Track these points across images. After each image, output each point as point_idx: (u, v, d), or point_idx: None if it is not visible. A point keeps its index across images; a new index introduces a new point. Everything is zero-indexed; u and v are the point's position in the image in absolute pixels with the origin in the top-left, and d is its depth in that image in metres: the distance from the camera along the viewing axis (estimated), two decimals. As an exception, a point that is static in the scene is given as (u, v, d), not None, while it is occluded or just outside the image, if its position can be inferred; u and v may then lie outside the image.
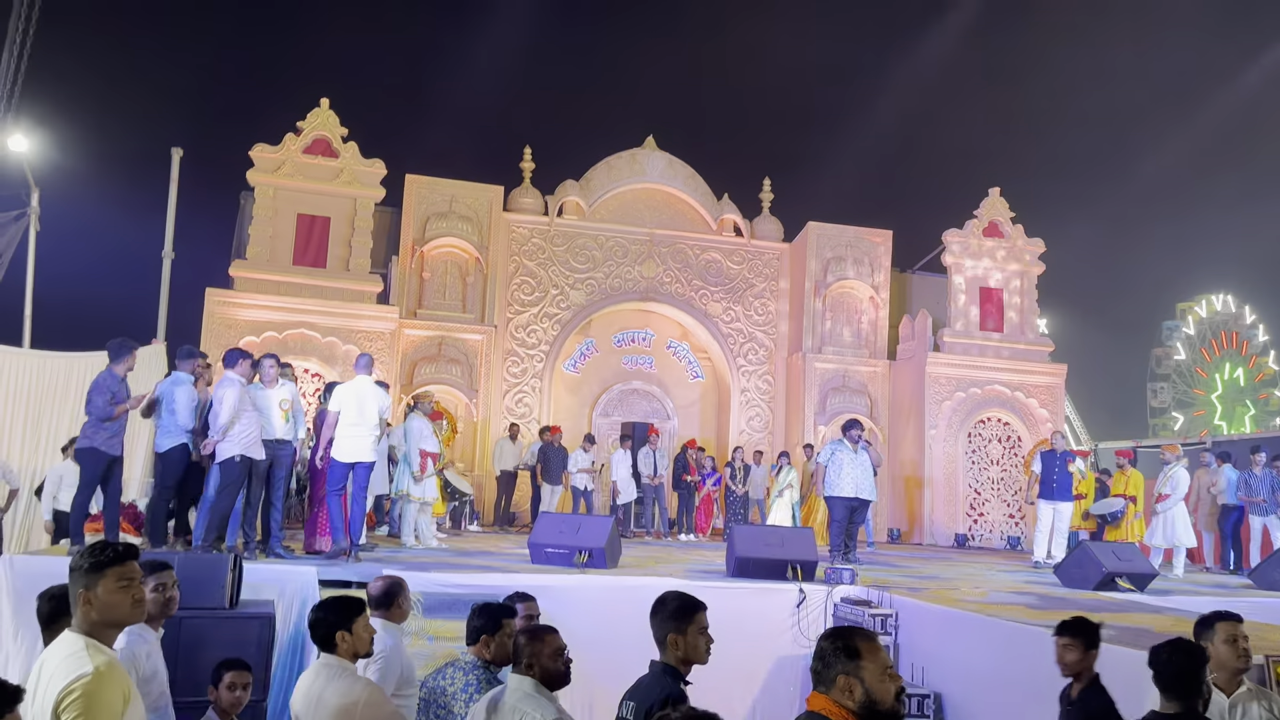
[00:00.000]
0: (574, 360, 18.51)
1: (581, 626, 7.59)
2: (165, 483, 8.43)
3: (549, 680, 3.55)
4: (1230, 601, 9.35)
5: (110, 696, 2.72)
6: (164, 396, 8.35)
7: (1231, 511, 13.42)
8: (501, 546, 11.48)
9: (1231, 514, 13.43)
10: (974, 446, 18.16)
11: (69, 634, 2.89)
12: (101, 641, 2.87)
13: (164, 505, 8.57)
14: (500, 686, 3.72)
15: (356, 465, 8.85)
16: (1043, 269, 19.15)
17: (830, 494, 11.29)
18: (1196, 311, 49.89)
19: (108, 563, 2.91)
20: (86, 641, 2.83)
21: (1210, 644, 4.30)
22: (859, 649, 2.62)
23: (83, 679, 2.70)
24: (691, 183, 19.11)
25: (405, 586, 5.31)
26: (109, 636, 2.93)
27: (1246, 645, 4.42)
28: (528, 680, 3.53)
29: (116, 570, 2.92)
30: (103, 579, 2.89)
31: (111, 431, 8.05)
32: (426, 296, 17.16)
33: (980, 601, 7.88)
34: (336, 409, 8.82)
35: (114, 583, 2.90)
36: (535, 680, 3.52)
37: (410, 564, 8.39)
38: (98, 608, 2.88)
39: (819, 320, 18.67)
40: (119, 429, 8.15)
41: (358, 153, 16.39)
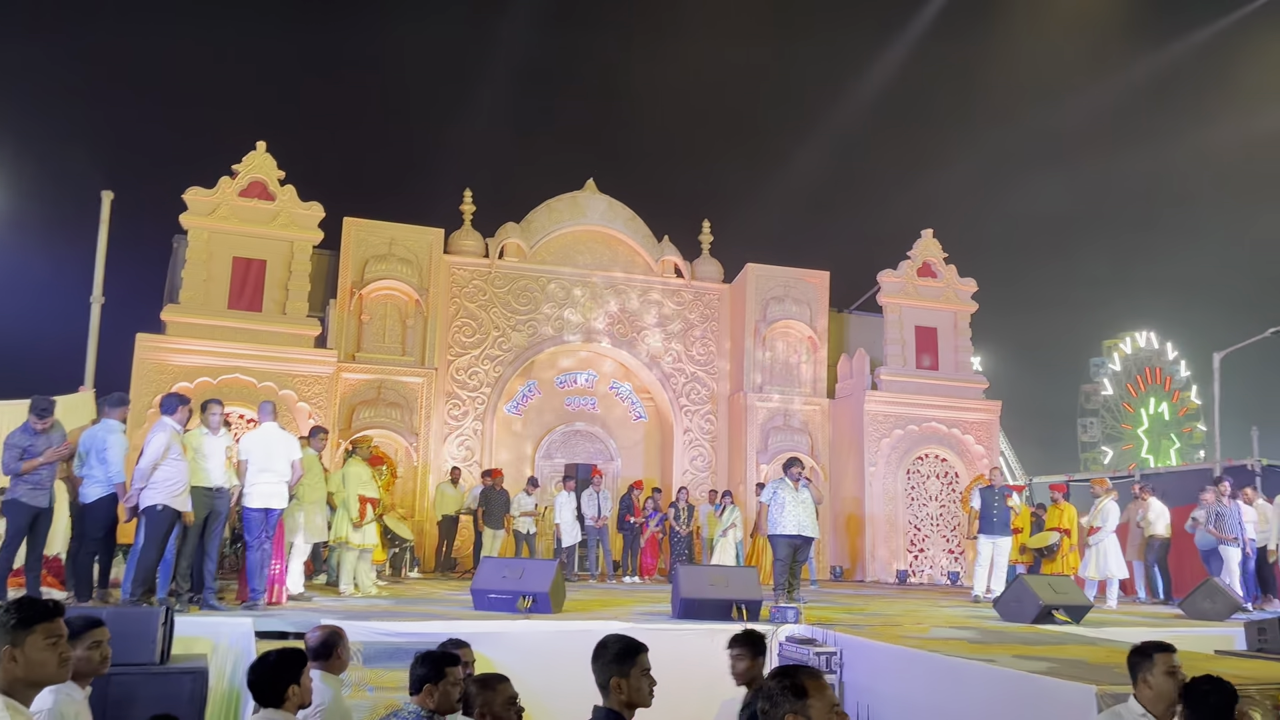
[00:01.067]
0: (516, 402, 18.42)
1: (526, 673, 7.50)
2: (92, 534, 8.16)
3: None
4: (1163, 631, 9.58)
5: None
6: (93, 445, 8.10)
7: (1156, 541, 13.71)
8: (443, 593, 11.29)
9: (1156, 544, 13.73)
10: (913, 483, 18.42)
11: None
12: (20, 701, 2.76)
13: (89, 558, 8.28)
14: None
15: (268, 512, 8.77)
16: (975, 308, 19.64)
17: (773, 532, 11.32)
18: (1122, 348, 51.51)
19: (35, 619, 2.81)
20: (5, 701, 2.71)
21: (1148, 675, 4.39)
22: (805, 688, 2.63)
23: None
24: (632, 225, 19.28)
25: (344, 636, 5.21)
26: (28, 696, 2.82)
27: (1184, 676, 4.53)
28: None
29: (45, 627, 2.82)
30: (30, 635, 2.79)
31: (34, 483, 7.82)
32: (365, 340, 16.96)
33: (922, 637, 7.95)
34: (245, 457, 8.74)
35: (42, 640, 2.80)
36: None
37: (349, 613, 8.21)
38: (23, 665, 2.77)
39: (759, 360, 18.87)
40: (44, 481, 7.90)
41: (295, 195, 16.23)
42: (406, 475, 16.40)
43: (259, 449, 8.85)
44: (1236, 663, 7.21)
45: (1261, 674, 6.10)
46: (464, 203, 18.36)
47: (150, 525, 7.88)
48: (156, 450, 7.86)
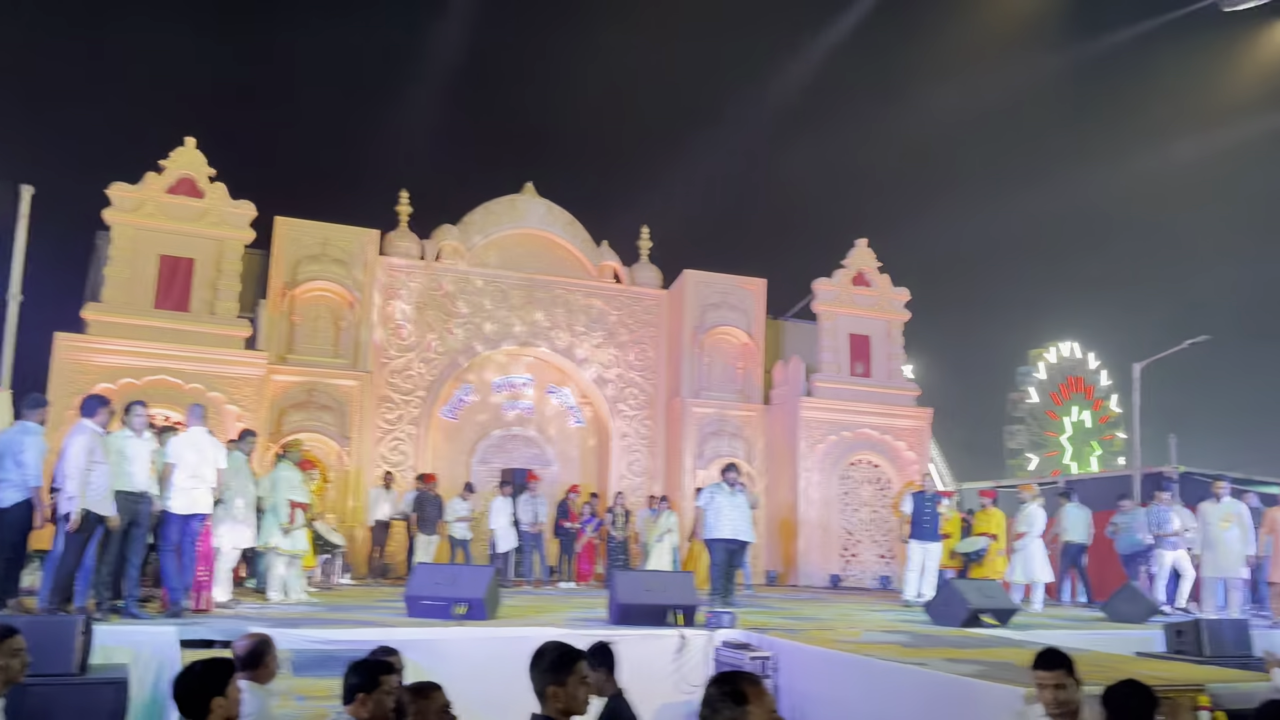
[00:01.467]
0: (451, 406, 18.22)
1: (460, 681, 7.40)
2: (8, 540, 7.83)
3: None
4: (1086, 634, 9.86)
5: None
6: (8, 448, 7.78)
7: (1072, 547, 14.05)
8: (375, 599, 11.10)
9: (1072, 549, 14.07)
10: (846, 488, 18.68)
11: None
12: None
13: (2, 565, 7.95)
14: None
15: (193, 518, 8.54)
16: (909, 316, 20.00)
17: (709, 537, 11.38)
18: (1046, 358, 52.94)
19: None
20: None
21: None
22: (746, 694, 2.64)
23: None
24: (571, 229, 19.24)
25: (273, 644, 5.10)
26: None
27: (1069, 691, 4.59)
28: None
29: None
30: None
31: None
32: (297, 341, 16.62)
33: (855, 641, 8.05)
34: (173, 461, 8.49)
35: None
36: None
37: (278, 620, 8.02)
38: None
39: (696, 366, 18.96)
40: None
41: (226, 194, 15.86)
42: (338, 480, 16.10)
43: (190, 453, 8.60)
44: (1156, 664, 7.44)
45: (1181, 676, 6.29)
46: (400, 204, 18.13)
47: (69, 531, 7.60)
48: (78, 454, 7.58)
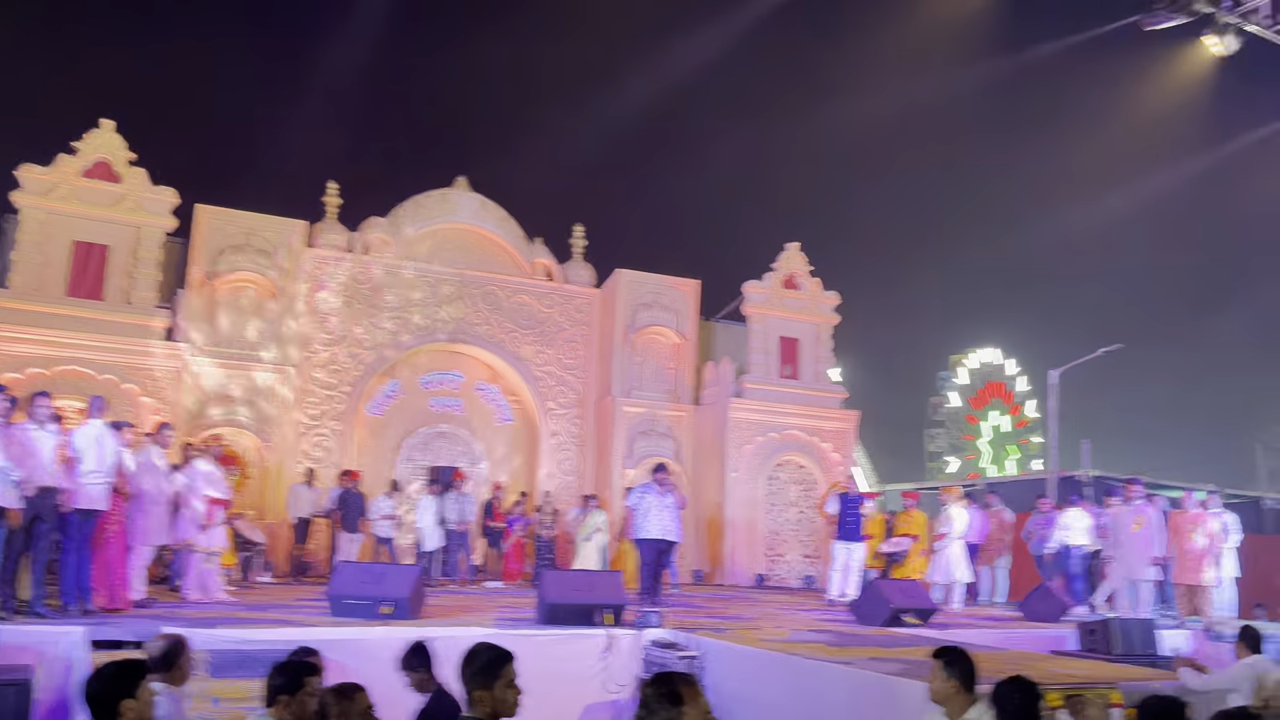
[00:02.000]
0: (378, 402, 17.91)
1: (386, 682, 7.28)
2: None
3: None
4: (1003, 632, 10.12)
5: None
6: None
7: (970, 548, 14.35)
8: (296, 598, 10.85)
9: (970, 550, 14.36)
10: (773, 489, 18.86)
11: None
12: None
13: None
14: None
15: (94, 514, 8.24)
16: (837, 320, 20.27)
17: (638, 536, 11.40)
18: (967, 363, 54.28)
19: None
20: None
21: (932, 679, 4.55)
22: (681, 695, 2.64)
23: None
24: (504, 225, 19.07)
25: (187, 646, 4.94)
26: None
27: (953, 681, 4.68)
28: None
29: None
30: None
31: None
32: (219, 333, 16.15)
33: (782, 640, 8.13)
34: (77, 454, 8.17)
35: None
36: None
37: (195, 620, 7.78)
38: None
39: (628, 365, 18.95)
40: None
41: (146, 179, 15.33)
42: (259, 476, 15.71)
43: (93, 447, 8.27)
44: (1069, 662, 7.67)
45: (1093, 673, 6.49)
46: (327, 194, 17.76)
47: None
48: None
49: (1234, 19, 12.29)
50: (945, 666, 4.33)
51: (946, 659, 4.36)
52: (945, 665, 4.34)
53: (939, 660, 4.39)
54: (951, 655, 4.38)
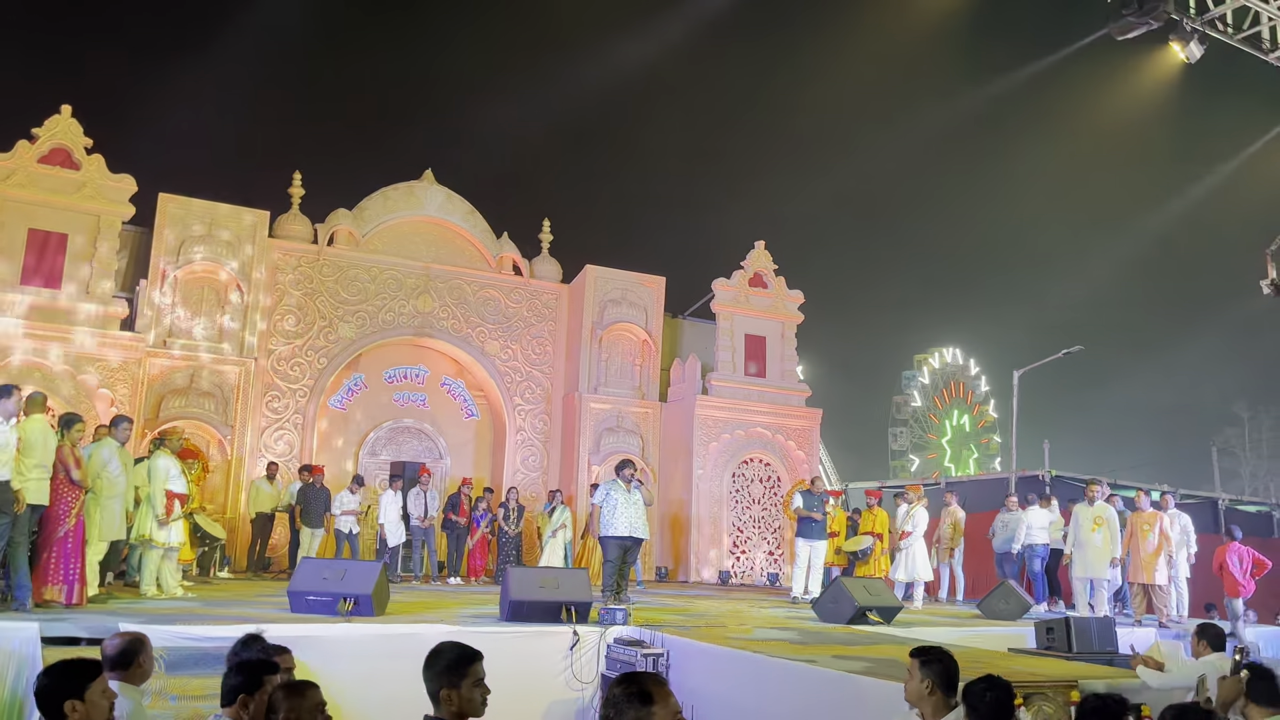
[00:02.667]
0: (341, 396, 17.73)
1: (347, 679, 7.22)
2: None
3: None
4: (963, 630, 10.22)
5: None
6: None
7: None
8: (256, 594, 10.72)
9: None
10: (738, 486, 18.93)
11: None
12: None
13: None
14: None
15: (39, 508, 8.06)
16: (801, 319, 20.38)
17: (605, 534, 11.38)
18: (930, 363, 54.85)
19: None
20: None
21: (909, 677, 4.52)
22: (651, 694, 2.62)
23: None
24: (471, 219, 18.94)
25: (147, 643, 4.83)
26: None
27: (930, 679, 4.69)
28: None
29: None
30: None
31: None
32: (179, 324, 15.89)
33: (746, 638, 8.14)
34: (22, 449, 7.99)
35: None
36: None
37: (152, 616, 7.66)
38: None
39: (595, 361, 18.91)
40: None
41: (104, 166, 15.04)
42: (219, 470, 15.48)
43: (39, 441, 8.08)
44: (1028, 660, 7.76)
45: (1052, 671, 6.57)
46: (292, 185, 17.53)
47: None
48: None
49: (1198, 26, 12.50)
50: (921, 666, 4.20)
51: (923, 659, 4.23)
52: (921, 665, 4.20)
53: (915, 660, 4.26)
54: (928, 655, 4.24)
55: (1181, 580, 13.03)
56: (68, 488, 8.27)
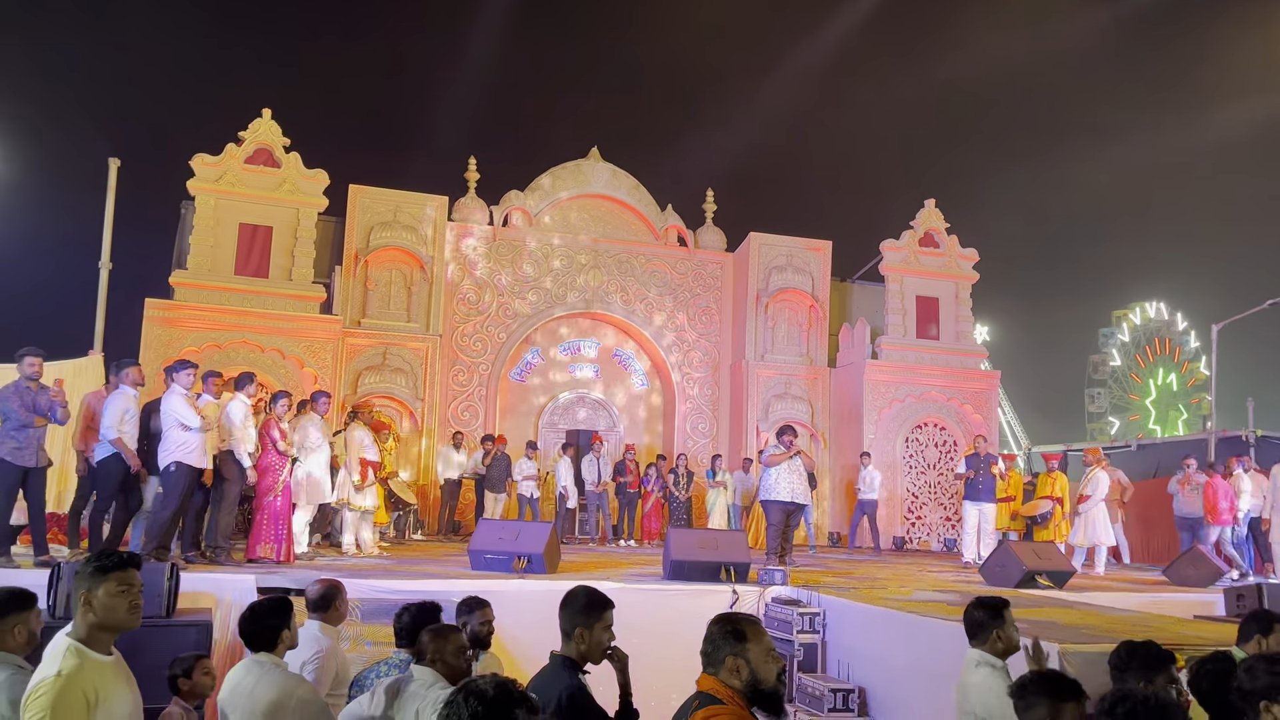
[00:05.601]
0: (520, 369, 18.65)
1: (519, 629, 7.78)
2: (103, 491, 8.47)
3: (451, 676, 3.72)
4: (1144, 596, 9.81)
5: (71, 700, 2.82)
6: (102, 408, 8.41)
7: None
8: (443, 554, 11.59)
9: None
10: (911, 451, 18.61)
11: (61, 636, 3.02)
12: (95, 647, 2.99)
13: (99, 515, 8.61)
14: (404, 674, 3.88)
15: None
16: (977, 278, 19.69)
17: (766, 498, 11.56)
18: (1131, 319, 51.41)
19: (110, 568, 3.05)
20: (70, 645, 2.95)
21: (999, 630, 4.51)
22: (745, 632, 2.84)
23: (45, 680, 2.85)
24: (636, 193, 19.37)
25: (343, 590, 5.46)
26: (104, 642, 3.04)
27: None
28: (430, 672, 3.71)
29: (117, 576, 3.06)
30: (104, 583, 3.03)
31: (19, 443, 7.85)
32: (370, 306, 17.17)
33: (905, 600, 8.17)
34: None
35: (114, 587, 3.04)
36: (437, 673, 3.70)
37: (350, 571, 8.49)
38: (97, 611, 3.01)
39: (761, 329, 19.01)
40: (30, 440, 7.94)
41: (300, 163, 16.39)
42: (410, 440, 16.68)
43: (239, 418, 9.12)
44: (1204, 626, 7.42)
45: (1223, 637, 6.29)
46: (468, 170, 18.48)
47: (166, 484, 8.22)
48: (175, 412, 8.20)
49: None
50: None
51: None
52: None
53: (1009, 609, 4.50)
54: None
55: None
56: (275, 457, 9.25)
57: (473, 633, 5.31)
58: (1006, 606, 4.51)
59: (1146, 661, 3.91)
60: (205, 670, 5.11)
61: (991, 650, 4.41)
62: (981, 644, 4.44)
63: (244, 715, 3.78)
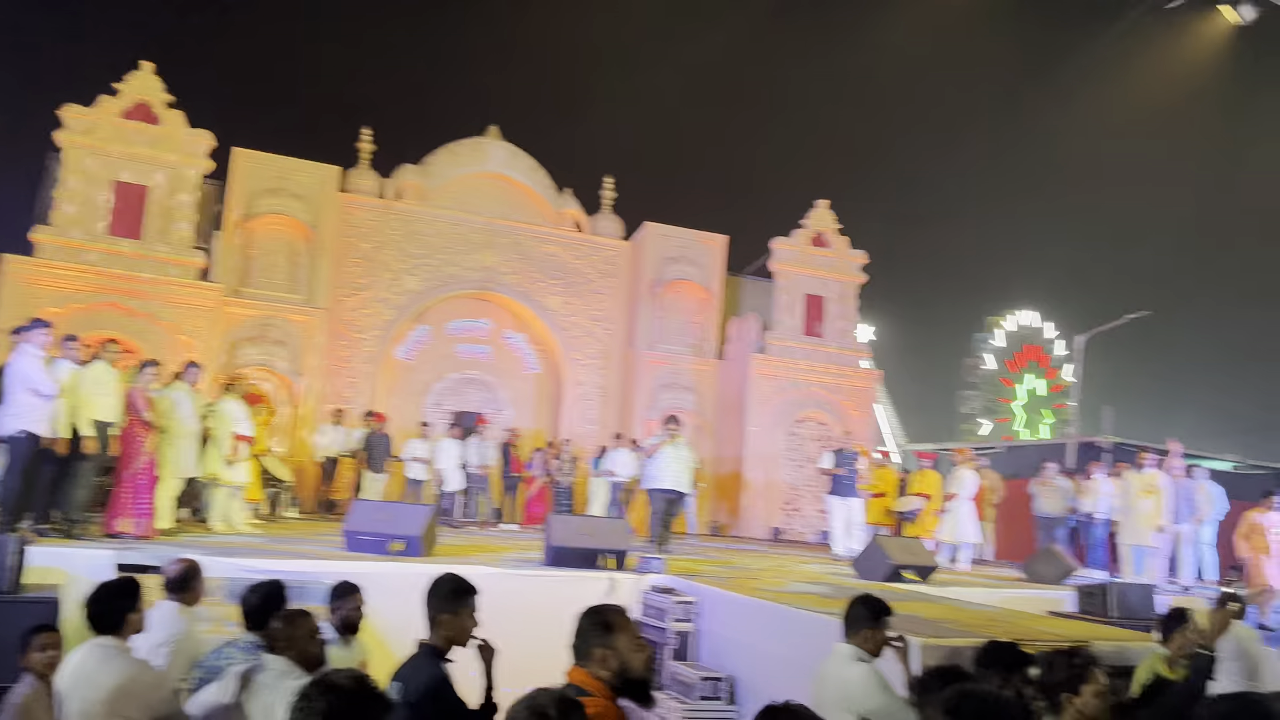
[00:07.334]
0: (407, 346, 18.28)
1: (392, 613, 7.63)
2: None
3: (306, 663, 3.62)
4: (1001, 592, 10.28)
5: None
6: None
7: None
8: (317, 533, 11.29)
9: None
10: (792, 444, 19.04)
11: None
12: None
13: None
14: (257, 663, 3.76)
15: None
16: (864, 279, 20.23)
17: (649, 486, 11.66)
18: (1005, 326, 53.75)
19: None
20: None
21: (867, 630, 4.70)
22: (613, 623, 2.85)
23: None
24: (534, 174, 19.20)
25: (200, 570, 5.27)
26: None
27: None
28: (283, 661, 3.60)
29: None
30: None
31: None
32: (252, 275, 16.55)
33: (778, 591, 8.34)
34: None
35: None
36: (292, 662, 3.60)
37: (216, 549, 8.18)
38: None
39: (653, 318, 19.12)
40: None
41: (184, 121, 15.64)
42: (289, 415, 16.18)
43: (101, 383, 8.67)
44: (1059, 623, 7.82)
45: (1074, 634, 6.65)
46: (361, 140, 17.98)
47: (12, 453, 7.75)
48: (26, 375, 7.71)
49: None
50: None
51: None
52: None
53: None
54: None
55: (1208, 546, 12.80)
56: (140, 428, 8.83)
57: (343, 619, 5.21)
58: (888, 613, 4.65)
59: (1006, 661, 4.09)
60: (43, 645, 4.81)
61: (862, 647, 4.54)
62: (854, 639, 4.57)
63: (83, 703, 3.60)
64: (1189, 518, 12.57)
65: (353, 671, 2.16)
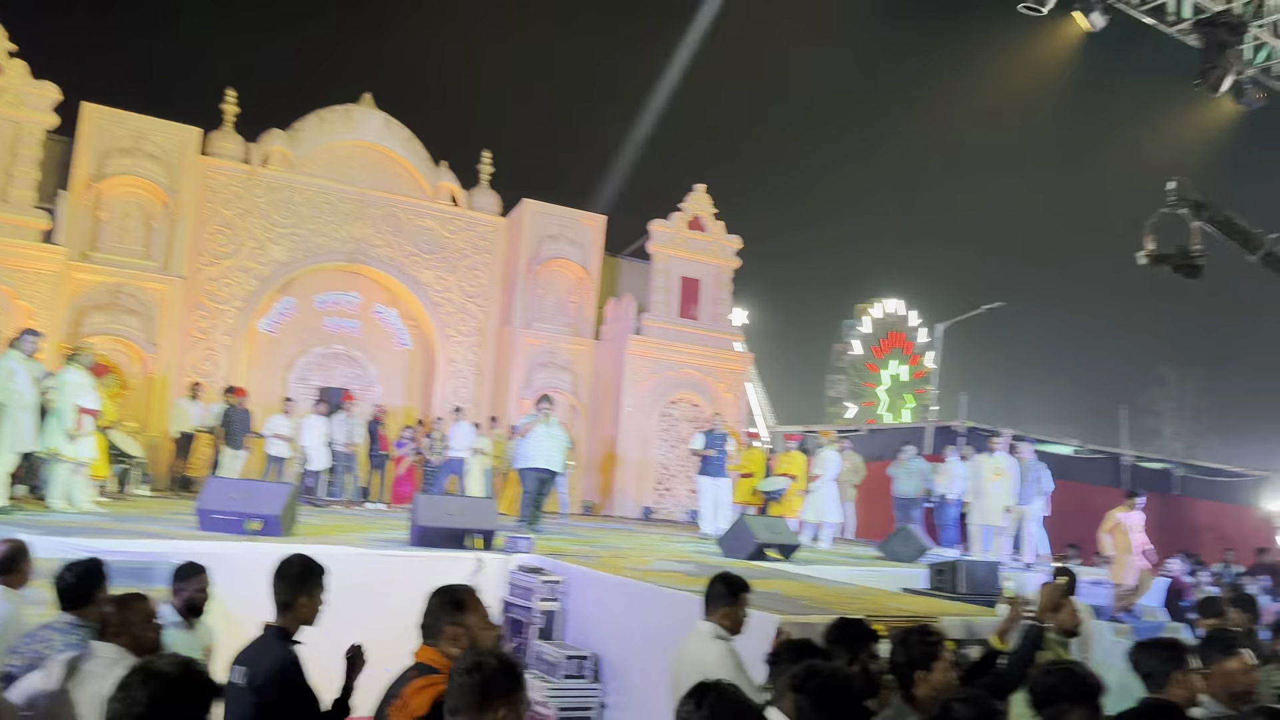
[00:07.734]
0: (271, 320, 17.60)
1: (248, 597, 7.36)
2: None
3: (139, 649, 3.44)
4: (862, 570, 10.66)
5: None
6: None
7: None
8: (169, 511, 10.78)
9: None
10: (665, 425, 19.25)
11: None
12: None
13: None
14: (84, 650, 3.55)
15: None
16: (739, 264, 20.56)
17: (522, 465, 11.59)
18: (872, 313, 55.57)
19: None
20: None
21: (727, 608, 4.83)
22: (464, 601, 2.82)
23: None
24: (409, 145, 18.72)
25: (27, 551, 4.96)
26: None
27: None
28: (112, 648, 3.42)
29: None
30: None
31: None
32: (103, 239, 15.60)
33: (644, 569, 8.43)
34: None
35: None
36: (124, 649, 3.41)
37: (53, 528, 7.71)
38: None
39: (530, 296, 18.96)
40: None
41: (27, 72, 14.59)
42: (142, 388, 15.37)
43: None
44: (912, 599, 8.16)
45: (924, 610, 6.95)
46: (225, 102, 17.15)
47: None
48: None
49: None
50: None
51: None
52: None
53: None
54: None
55: (1038, 521, 13.59)
56: (-32, 398, 8.22)
57: (187, 601, 5.02)
58: (746, 590, 4.74)
59: (854, 637, 4.22)
60: None
61: (720, 624, 4.62)
62: (714, 616, 4.64)
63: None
64: (1032, 499, 13.31)
65: (176, 656, 2.04)
